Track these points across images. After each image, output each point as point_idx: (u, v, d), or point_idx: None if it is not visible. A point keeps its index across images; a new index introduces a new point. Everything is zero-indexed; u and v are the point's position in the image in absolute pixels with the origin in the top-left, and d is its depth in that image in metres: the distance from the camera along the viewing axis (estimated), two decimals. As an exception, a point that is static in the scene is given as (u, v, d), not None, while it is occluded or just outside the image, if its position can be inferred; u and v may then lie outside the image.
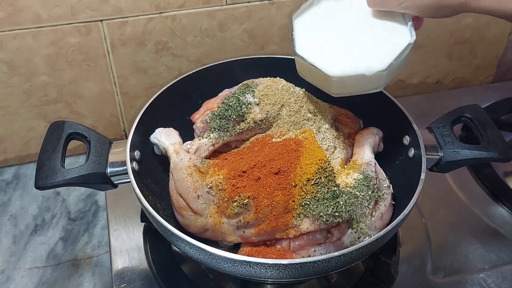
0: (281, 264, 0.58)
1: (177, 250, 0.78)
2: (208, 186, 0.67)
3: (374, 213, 0.68)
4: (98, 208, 0.92)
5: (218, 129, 0.74)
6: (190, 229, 0.68)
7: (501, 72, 1.21)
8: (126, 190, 0.70)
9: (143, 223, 0.83)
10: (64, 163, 0.68)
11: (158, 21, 0.90)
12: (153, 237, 0.81)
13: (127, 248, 0.81)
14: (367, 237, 0.66)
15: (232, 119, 0.74)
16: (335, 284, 0.77)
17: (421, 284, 0.77)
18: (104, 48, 0.90)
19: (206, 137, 0.75)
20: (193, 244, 0.59)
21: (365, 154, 0.74)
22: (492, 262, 0.81)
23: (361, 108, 0.83)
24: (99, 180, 0.68)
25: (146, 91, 0.98)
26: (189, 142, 0.76)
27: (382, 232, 0.61)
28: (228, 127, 0.74)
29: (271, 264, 0.58)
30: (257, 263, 0.58)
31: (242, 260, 0.58)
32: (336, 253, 0.58)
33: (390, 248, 0.78)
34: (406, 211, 0.64)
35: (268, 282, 0.65)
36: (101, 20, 0.87)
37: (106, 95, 0.97)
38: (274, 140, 0.73)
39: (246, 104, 0.75)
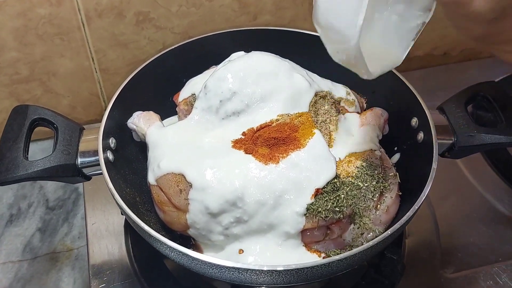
0: (275, 270, 0.52)
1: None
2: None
3: (379, 206, 0.64)
4: (79, 195, 0.87)
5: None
6: (173, 227, 0.63)
7: (513, 42, 1.14)
8: (105, 179, 0.64)
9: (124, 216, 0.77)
10: (27, 154, 0.62)
11: (138, -12, 0.83)
12: (135, 231, 0.76)
13: (106, 243, 0.76)
14: (371, 233, 0.62)
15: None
16: (335, 281, 0.72)
17: (430, 279, 0.72)
18: (79, 20, 0.84)
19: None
20: (174, 248, 0.54)
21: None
22: (506, 255, 0.76)
23: (364, 86, 0.75)
24: (69, 172, 0.62)
25: (127, 67, 0.93)
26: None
27: (389, 231, 0.56)
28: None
29: (264, 270, 0.52)
30: (247, 270, 0.52)
31: (230, 267, 0.52)
32: (337, 257, 0.53)
33: (396, 242, 0.72)
34: (416, 206, 0.58)
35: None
36: (73, -12, 0.80)
37: (83, 72, 0.91)
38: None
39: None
